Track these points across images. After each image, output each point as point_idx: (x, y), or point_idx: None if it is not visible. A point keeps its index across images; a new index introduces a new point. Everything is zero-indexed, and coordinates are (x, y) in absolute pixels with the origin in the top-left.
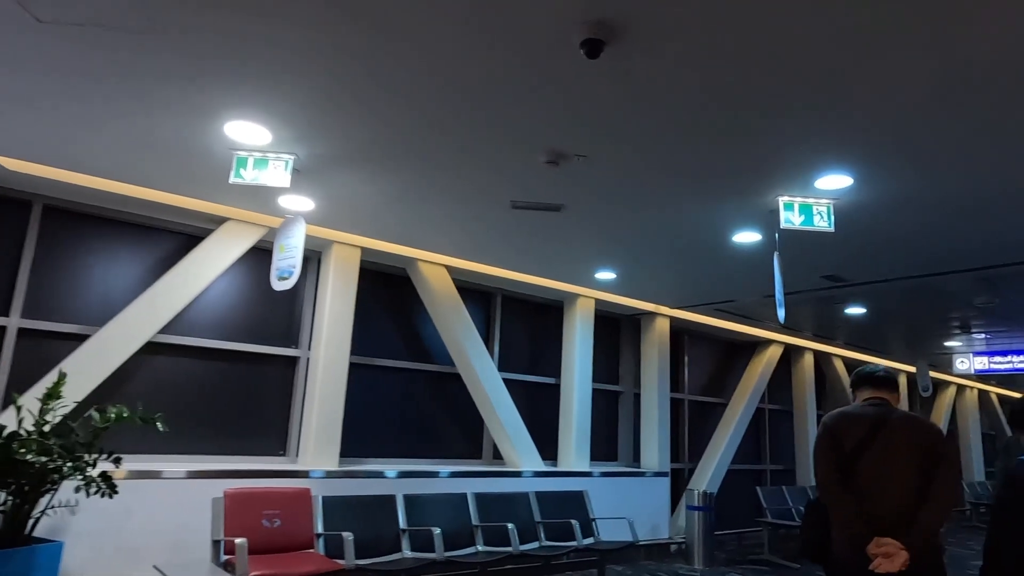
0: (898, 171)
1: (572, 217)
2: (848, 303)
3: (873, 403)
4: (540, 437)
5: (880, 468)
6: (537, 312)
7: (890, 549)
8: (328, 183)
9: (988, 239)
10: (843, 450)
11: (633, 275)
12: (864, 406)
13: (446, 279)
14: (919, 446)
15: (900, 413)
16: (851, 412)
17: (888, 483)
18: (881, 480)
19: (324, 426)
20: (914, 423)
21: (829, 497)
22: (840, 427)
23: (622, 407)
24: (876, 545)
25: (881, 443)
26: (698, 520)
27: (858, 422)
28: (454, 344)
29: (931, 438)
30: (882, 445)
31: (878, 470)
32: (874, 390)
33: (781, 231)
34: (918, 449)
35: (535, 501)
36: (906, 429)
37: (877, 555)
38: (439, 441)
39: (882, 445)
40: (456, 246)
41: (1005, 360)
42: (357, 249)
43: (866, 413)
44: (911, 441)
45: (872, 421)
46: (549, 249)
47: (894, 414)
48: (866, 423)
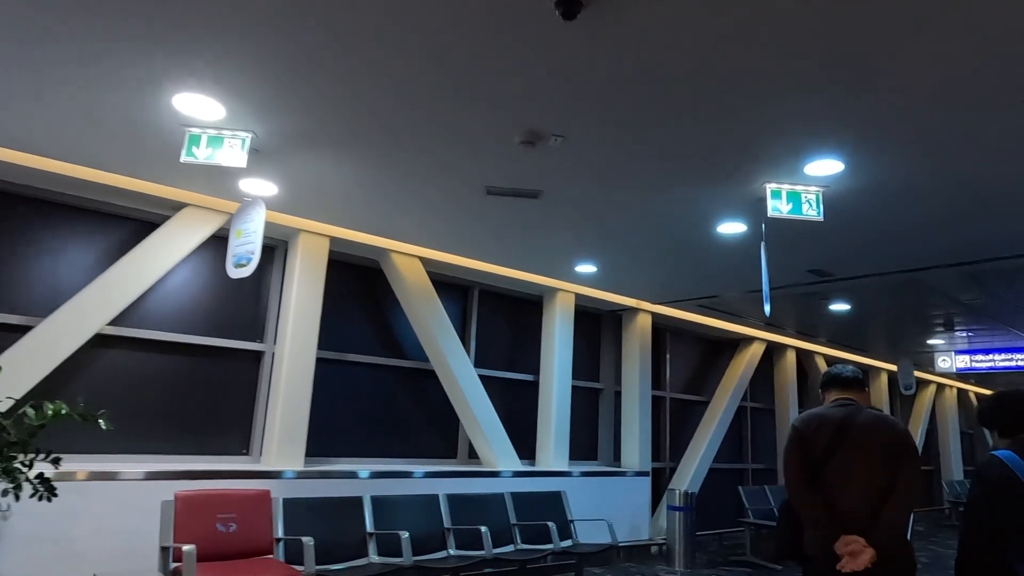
0: (891, 157)
1: (550, 204)
2: (833, 299)
3: (841, 404)
4: (518, 436)
5: (847, 468)
6: (515, 307)
7: (855, 547)
8: (291, 165)
9: (976, 233)
10: (812, 451)
11: (614, 268)
12: (832, 407)
13: (420, 272)
14: (884, 445)
15: (867, 413)
16: (819, 413)
17: (855, 483)
18: (848, 480)
19: (289, 424)
20: (880, 422)
21: (798, 498)
22: (808, 429)
23: (602, 405)
24: (843, 544)
25: (848, 444)
26: (679, 521)
27: (826, 423)
28: (428, 339)
29: (895, 436)
30: (849, 446)
31: (845, 470)
32: (841, 391)
33: (768, 220)
34: (884, 448)
35: (511, 502)
36: (872, 429)
37: (843, 554)
38: (412, 440)
39: (849, 446)
40: (430, 236)
41: (987, 359)
42: (325, 239)
43: (834, 415)
44: (877, 440)
45: (840, 422)
46: (527, 240)
47: (861, 414)
48: (834, 424)
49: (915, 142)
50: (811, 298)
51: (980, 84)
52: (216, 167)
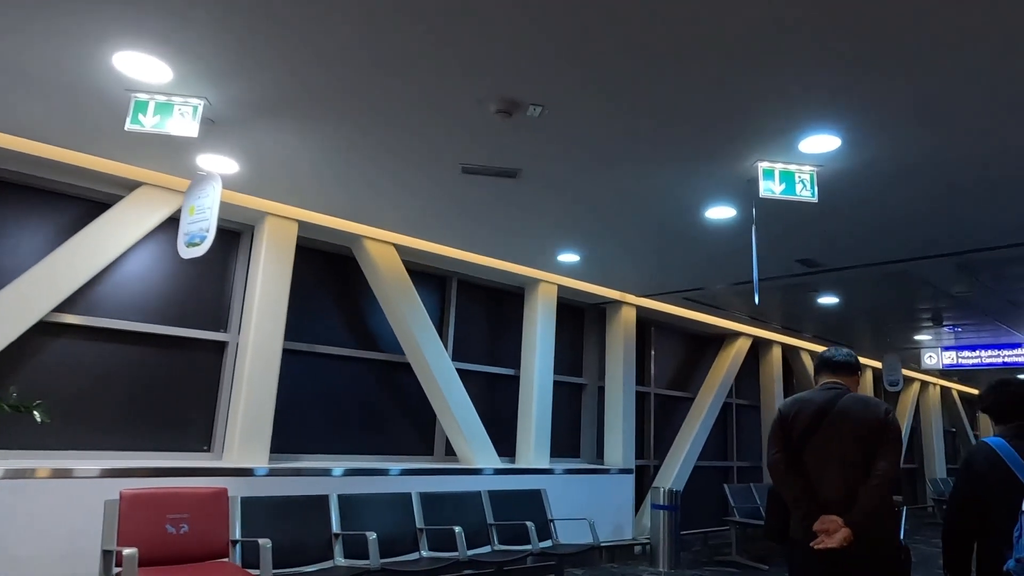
0: (891, 133)
1: (530, 185)
2: (821, 291)
3: (828, 387)
4: (497, 432)
5: (824, 451)
6: (495, 298)
7: (831, 526)
8: (251, 139)
9: (972, 220)
10: (792, 434)
11: (598, 258)
12: (818, 391)
13: (395, 259)
14: (864, 425)
15: (850, 396)
16: (803, 397)
17: (833, 464)
18: (825, 462)
19: (252, 419)
20: (860, 404)
21: (777, 480)
22: (791, 412)
23: (585, 401)
24: (820, 523)
25: (826, 427)
26: (664, 520)
27: (808, 406)
28: (403, 331)
29: (874, 418)
30: (827, 429)
31: (824, 452)
32: (831, 374)
33: (759, 203)
34: (863, 429)
35: (488, 501)
36: (851, 412)
37: (819, 532)
38: (386, 436)
39: (827, 429)
40: (404, 221)
41: (973, 355)
42: (293, 223)
43: (816, 398)
44: (856, 421)
45: (820, 405)
46: (507, 225)
47: (844, 398)
48: (814, 407)
49: (918, 114)
50: (799, 291)
51: (990, 49)
52: (166, 138)
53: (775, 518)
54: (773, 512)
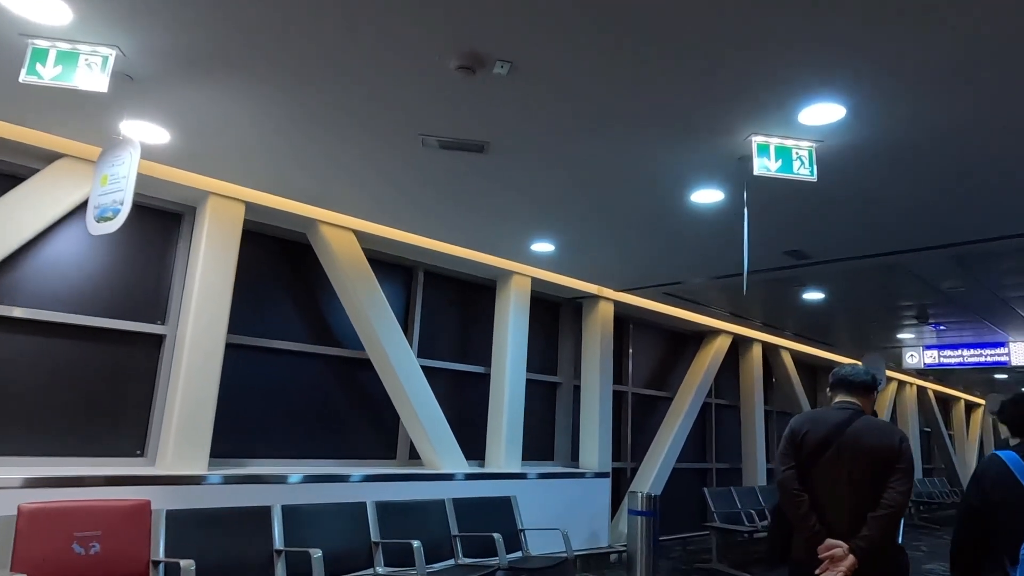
0: (903, 103)
1: (499, 160)
2: (807, 286)
3: (842, 407)
4: (466, 434)
5: (834, 472)
6: (465, 291)
7: (837, 552)
8: (180, 101)
9: (976, 208)
10: (802, 452)
11: (574, 247)
12: (832, 409)
13: (354, 247)
14: (875, 453)
15: (864, 419)
16: (816, 415)
17: (841, 487)
18: (835, 484)
19: (189, 420)
20: (874, 430)
21: (785, 499)
22: (802, 429)
23: (560, 400)
24: (826, 547)
25: (839, 448)
26: (641, 526)
27: (819, 425)
28: (364, 325)
29: (888, 445)
30: (839, 450)
31: (833, 474)
32: (847, 393)
33: (752, 182)
34: (875, 455)
35: (452, 510)
36: (864, 436)
37: (824, 557)
38: (344, 439)
39: (839, 450)
40: (364, 204)
41: (955, 354)
42: (239, 204)
43: (830, 417)
44: (869, 447)
45: (834, 426)
46: (475, 209)
47: (858, 420)
48: (827, 427)
49: (936, 82)
50: (785, 285)
51: None
52: (77, 98)
53: (778, 537)
54: (776, 530)
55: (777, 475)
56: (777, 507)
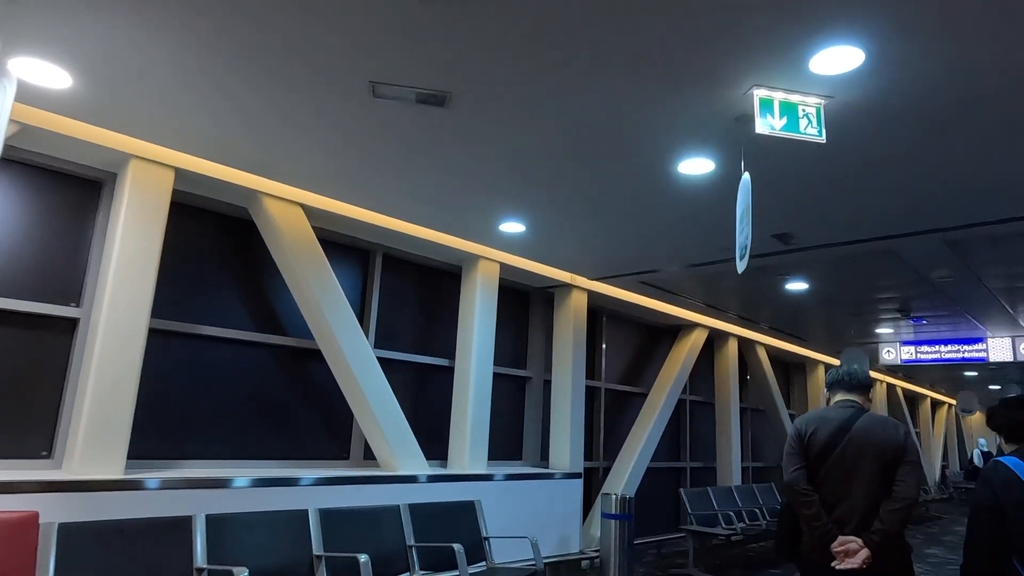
0: (935, 46)
1: (462, 117)
2: (791, 275)
3: (844, 405)
4: (427, 432)
5: (843, 470)
6: (428, 278)
7: (852, 547)
8: (81, 34)
9: (986, 180)
10: (810, 452)
11: (546, 228)
12: (833, 408)
13: (302, 224)
14: (882, 448)
15: (868, 416)
16: (820, 414)
17: (850, 484)
18: (844, 481)
19: (102, 416)
20: (880, 425)
21: (795, 498)
22: (808, 429)
23: (530, 396)
24: (839, 543)
25: (845, 446)
26: (615, 530)
27: (825, 424)
28: (313, 312)
29: (895, 440)
30: (846, 448)
31: (841, 472)
32: (846, 392)
33: (750, 147)
34: (882, 450)
35: (408, 517)
36: (871, 432)
37: (839, 553)
38: (291, 438)
39: (846, 448)
40: (312, 172)
41: (932, 350)
42: (167, 170)
43: (834, 416)
44: (875, 443)
45: (839, 424)
46: (436, 179)
47: (862, 417)
48: (833, 426)
49: (980, 18)
50: (767, 274)
51: None
52: None
53: (787, 535)
54: (785, 529)
55: (786, 476)
56: (785, 505)
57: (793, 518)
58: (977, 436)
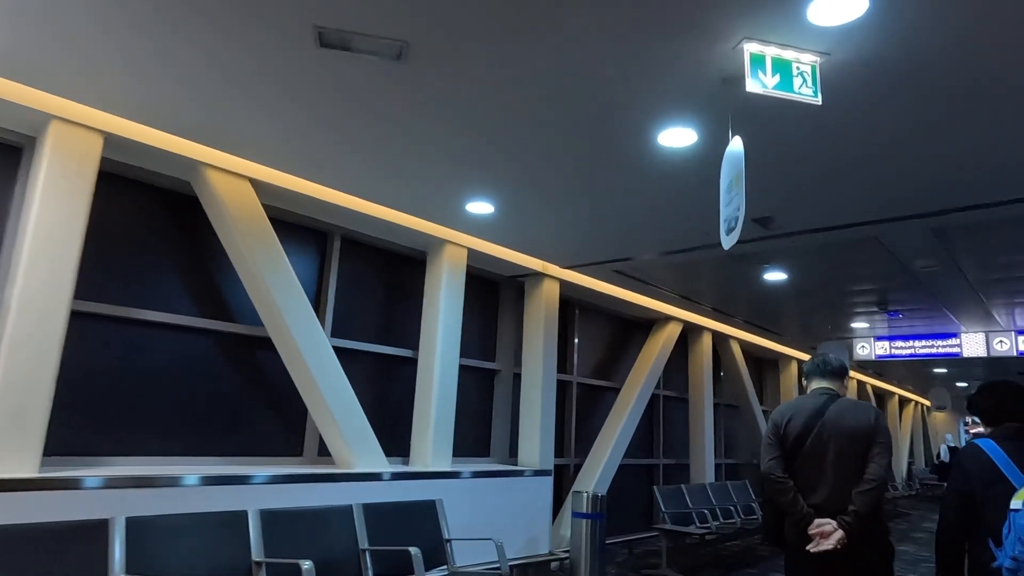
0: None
1: (421, 72)
2: (770, 265)
3: (819, 393)
4: (388, 427)
5: (817, 456)
6: (391, 263)
7: (826, 528)
8: None
9: (988, 154)
10: (785, 440)
11: (516, 209)
12: (809, 396)
13: (250, 200)
14: (855, 429)
15: (841, 401)
16: (796, 403)
17: (826, 468)
18: (819, 466)
19: (14, 406)
20: (851, 409)
21: (772, 486)
22: (784, 418)
23: (498, 390)
24: (815, 526)
25: (819, 432)
26: (586, 530)
27: (799, 413)
28: (262, 297)
29: (866, 420)
30: (819, 434)
31: (816, 456)
32: (822, 379)
33: (742, 107)
34: (854, 433)
35: (362, 519)
36: (843, 416)
37: (814, 535)
38: (238, 433)
39: (819, 434)
40: (259, 140)
41: (907, 345)
42: (95, 135)
43: (808, 404)
44: (848, 426)
45: (813, 411)
46: (396, 149)
47: (835, 403)
48: (806, 413)
49: None
50: (746, 263)
51: None
52: None
53: (772, 522)
54: (770, 516)
55: (763, 465)
56: (767, 495)
57: (775, 506)
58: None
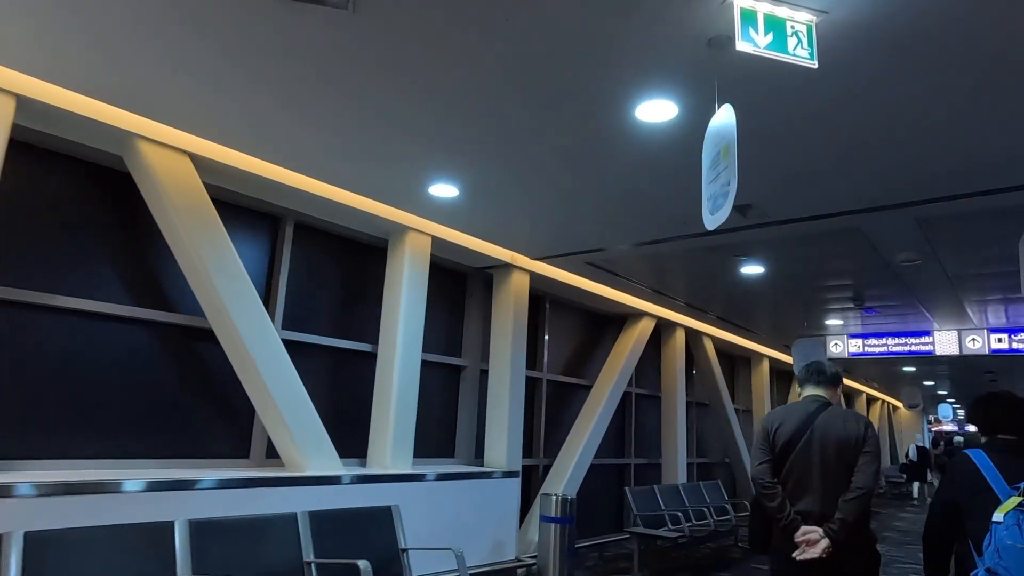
0: None
1: (373, 29)
2: (748, 257)
3: (811, 400)
4: (344, 427)
5: (806, 463)
6: (350, 251)
7: (812, 536)
8: None
9: (984, 141)
10: (775, 446)
11: (482, 192)
12: (800, 403)
13: (191, 178)
14: (845, 439)
15: (831, 410)
16: (787, 410)
17: (813, 477)
18: (808, 473)
19: None
20: (842, 417)
21: (760, 491)
22: (774, 424)
23: (464, 387)
24: (801, 533)
25: (808, 439)
26: (555, 535)
27: (789, 419)
28: (203, 285)
29: (856, 430)
30: (809, 441)
31: (805, 463)
32: (816, 387)
33: (732, 68)
34: (844, 442)
35: (306, 528)
36: (832, 425)
37: (800, 543)
38: (177, 433)
39: (809, 441)
40: (197, 111)
41: (880, 343)
42: (7, 97)
43: (799, 411)
44: (838, 435)
45: (803, 418)
46: (350, 120)
47: (825, 411)
48: (796, 420)
49: None
50: (723, 254)
51: None
52: None
53: (759, 527)
54: (757, 521)
55: (752, 469)
56: (755, 498)
57: (762, 511)
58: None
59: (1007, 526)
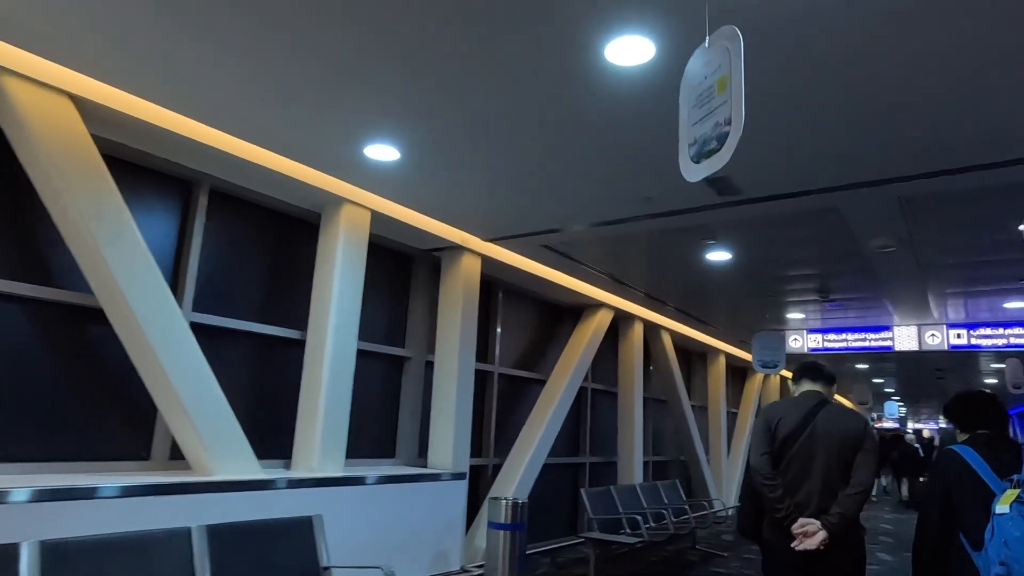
0: None
1: None
2: (717, 241)
3: (810, 395)
4: (266, 424)
5: (806, 456)
6: (275, 223)
7: (810, 528)
8: None
9: (983, 105)
10: (775, 439)
11: (427, 156)
12: (800, 398)
13: (73, 125)
14: (843, 438)
15: (831, 407)
16: (788, 403)
17: (812, 470)
18: (807, 467)
19: None
20: (842, 414)
21: (759, 482)
22: (775, 418)
23: (408, 380)
24: (799, 525)
25: (809, 434)
26: (504, 542)
27: (792, 414)
28: (90, 257)
29: (856, 428)
30: (810, 436)
31: (804, 458)
32: (813, 383)
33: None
34: (844, 439)
35: (203, 546)
36: (833, 422)
37: (798, 534)
38: (60, 430)
39: (810, 436)
40: (81, 42)
41: (839, 338)
42: None
43: (799, 406)
44: (838, 432)
45: (805, 413)
46: (268, 51)
47: (825, 408)
48: (799, 414)
49: None
50: (691, 237)
51: None
52: None
53: (750, 518)
54: (748, 512)
55: (753, 460)
56: (746, 489)
57: (755, 501)
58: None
59: (1011, 517)
